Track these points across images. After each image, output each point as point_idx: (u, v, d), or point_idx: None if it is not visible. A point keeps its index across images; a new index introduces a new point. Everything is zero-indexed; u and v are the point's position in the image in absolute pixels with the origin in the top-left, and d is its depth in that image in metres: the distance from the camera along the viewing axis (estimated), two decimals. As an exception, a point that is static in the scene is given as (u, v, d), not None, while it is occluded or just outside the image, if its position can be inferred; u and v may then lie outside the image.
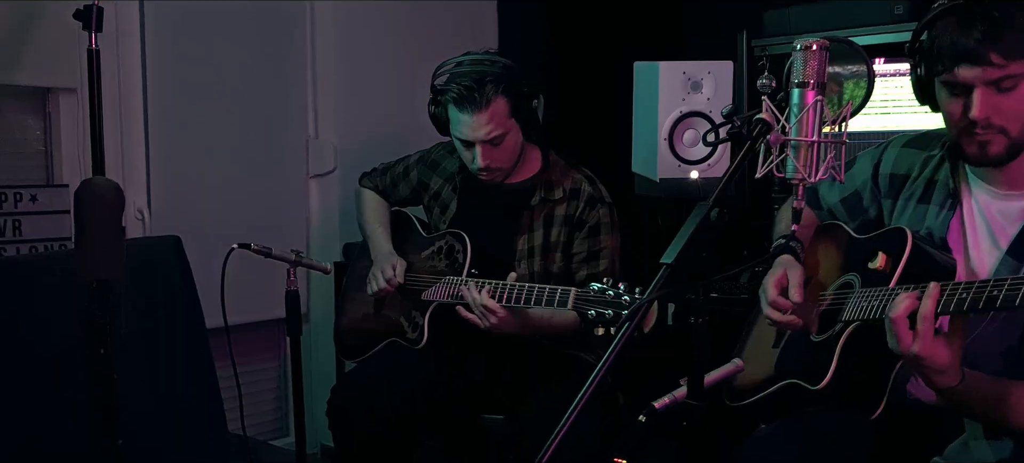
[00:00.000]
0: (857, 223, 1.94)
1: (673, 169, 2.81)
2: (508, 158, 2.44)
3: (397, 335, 2.53)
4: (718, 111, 2.78)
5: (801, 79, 1.43)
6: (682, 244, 1.32)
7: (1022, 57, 1.53)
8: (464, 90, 2.32)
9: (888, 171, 1.87)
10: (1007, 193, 1.67)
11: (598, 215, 2.44)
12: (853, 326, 1.69)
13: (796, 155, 1.42)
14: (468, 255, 2.43)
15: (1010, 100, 1.55)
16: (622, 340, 1.33)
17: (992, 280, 1.42)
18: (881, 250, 1.72)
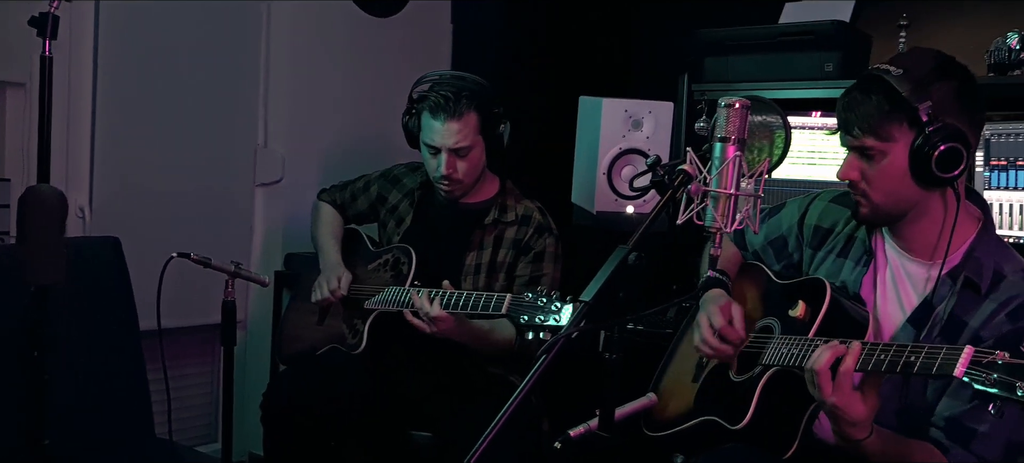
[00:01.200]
0: (781, 265, 2.04)
1: (610, 203, 2.91)
2: (469, 172, 2.54)
3: (337, 342, 2.59)
4: (657, 149, 2.89)
5: (723, 134, 1.52)
6: (600, 284, 1.40)
7: (872, 134, 1.68)
8: (442, 99, 2.47)
9: (813, 222, 1.98)
10: (914, 258, 1.78)
11: (545, 243, 2.55)
12: (772, 370, 1.78)
13: (715, 205, 1.51)
14: (412, 266, 2.52)
15: (873, 169, 1.70)
16: (540, 369, 1.40)
17: (910, 345, 1.51)
18: (801, 299, 1.82)
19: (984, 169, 2.71)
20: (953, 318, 1.68)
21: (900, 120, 1.65)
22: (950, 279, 1.71)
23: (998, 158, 2.68)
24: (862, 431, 1.58)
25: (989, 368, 1.33)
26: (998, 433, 1.62)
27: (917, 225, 1.76)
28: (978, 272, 1.69)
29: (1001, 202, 2.69)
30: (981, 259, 1.70)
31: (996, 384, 1.32)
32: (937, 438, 1.68)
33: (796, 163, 2.87)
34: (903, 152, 1.66)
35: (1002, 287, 1.67)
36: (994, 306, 1.65)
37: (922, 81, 1.65)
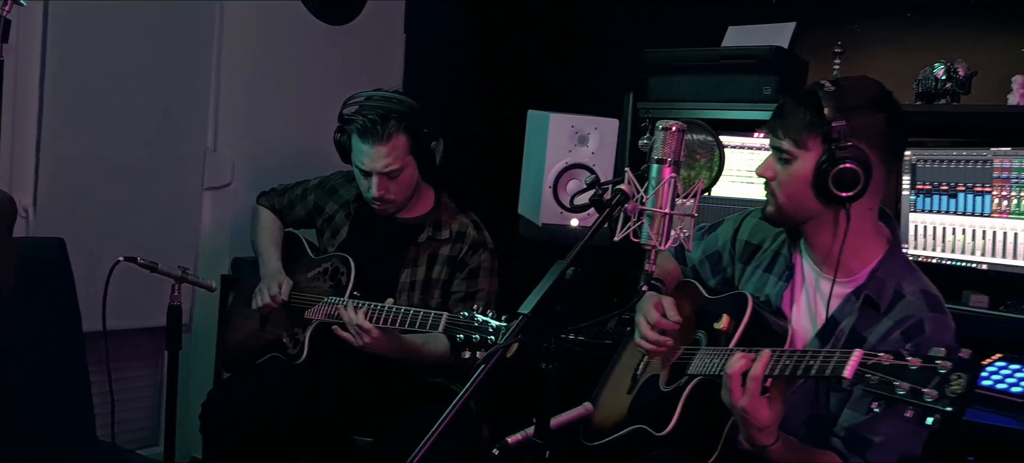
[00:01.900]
0: (717, 279, 2.15)
1: (555, 215, 2.97)
2: (402, 192, 2.57)
3: (279, 350, 2.61)
4: (601, 165, 2.97)
5: (660, 156, 1.60)
6: (539, 297, 1.46)
7: (790, 139, 1.80)
8: (368, 123, 2.46)
9: (744, 238, 2.09)
10: (827, 276, 1.88)
11: (480, 259, 2.60)
12: (697, 380, 1.86)
13: (650, 224, 1.59)
14: (351, 278, 2.54)
15: (784, 172, 1.82)
16: (480, 378, 1.46)
17: (810, 351, 1.61)
18: (725, 312, 1.91)
19: (910, 193, 2.84)
20: (854, 333, 1.79)
21: (817, 133, 1.76)
22: (854, 297, 1.81)
23: (923, 183, 2.81)
24: (768, 436, 1.67)
25: (874, 369, 1.43)
26: (893, 445, 1.72)
27: (821, 237, 1.86)
28: (879, 291, 1.79)
29: (926, 224, 2.82)
30: (883, 279, 1.80)
31: (879, 385, 1.42)
32: (837, 447, 1.77)
33: (735, 182, 2.97)
34: (811, 163, 1.77)
35: (900, 306, 1.77)
36: (891, 324, 1.75)
37: (849, 106, 1.75)
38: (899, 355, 1.41)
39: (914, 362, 1.38)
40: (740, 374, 1.66)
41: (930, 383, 1.35)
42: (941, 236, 2.79)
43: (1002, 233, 2.66)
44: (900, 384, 1.38)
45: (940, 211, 2.79)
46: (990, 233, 2.68)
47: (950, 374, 1.34)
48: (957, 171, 2.74)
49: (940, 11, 2.93)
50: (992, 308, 2.64)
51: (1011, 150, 2.62)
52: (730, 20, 3.18)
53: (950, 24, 2.90)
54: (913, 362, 1.39)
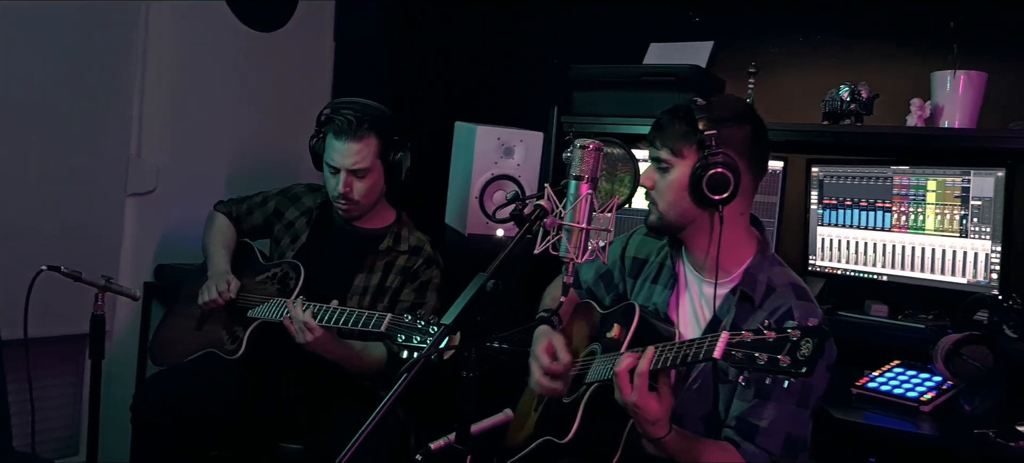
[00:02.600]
0: (612, 296, 2.25)
1: (481, 226, 3.04)
2: (367, 195, 2.66)
3: (216, 347, 2.63)
4: (527, 176, 3.04)
5: (578, 173, 1.68)
6: (460, 308, 1.52)
7: (668, 148, 1.94)
8: (345, 121, 2.59)
9: (632, 254, 2.22)
10: (707, 279, 2.02)
11: (431, 275, 2.70)
12: (594, 387, 1.96)
13: (568, 238, 1.66)
14: (300, 282, 2.59)
15: (663, 181, 1.96)
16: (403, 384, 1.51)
17: (687, 342, 1.74)
18: (616, 322, 2.02)
19: (818, 207, 2.99)
20: (735, 328, 1.90)
21: (691, 142, 1.92)
22: (732, 294, 1.97)
23: (830, 198, 2.96)
24: (661, 428, 1.78)
25: (738, 346, 1.57)
26: (778, 428, 1.86)
27: (699, 242, 2.00)
28: (752, 287, 1.95)
29: (832, 238, 2.97)
30: (755, 275, 1.96)
31: (743, 360, 1.55)
32: (729, 436, 1.91)
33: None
34: (687, 170, 1.92)
35: (771, 298, 1.93)
36: (765, 315, 1.90)
37: (719, 118, 1.91)
38: (758, 331, 1.55)
39: (770, 335, 1.53)
40: (627, 372, 1.77)
41: (783, 351, 1.50)
42: (845, 249, 2.94)
43: (901, 247, 2.82)
44: (760, 356, 1.53)
45: (845, 225, 2.94)
46: (890, 246, 2.84)
47: (800, 340, 1.49)
48: (860, 187, 2.90)
49: (847, 35, 3.09)
50: (891, 317, 2.80)
51: (909, 168, 2.79)
52: (653, 37, 3.29)
53: (856, 48, 3.06)
54: (769, 335, 1.53)
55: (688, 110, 1.93)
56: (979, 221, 2.64)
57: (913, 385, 2.57)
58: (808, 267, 3.00)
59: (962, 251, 2.68)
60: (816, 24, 3.14)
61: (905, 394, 2.54)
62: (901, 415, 2.49)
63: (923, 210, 2.76)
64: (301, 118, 3.56)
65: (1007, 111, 2.68)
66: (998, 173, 2.60)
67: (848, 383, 2.66)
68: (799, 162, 3.02)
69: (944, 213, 2.72)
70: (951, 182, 2.70)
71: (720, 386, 1.95)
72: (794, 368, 1.49)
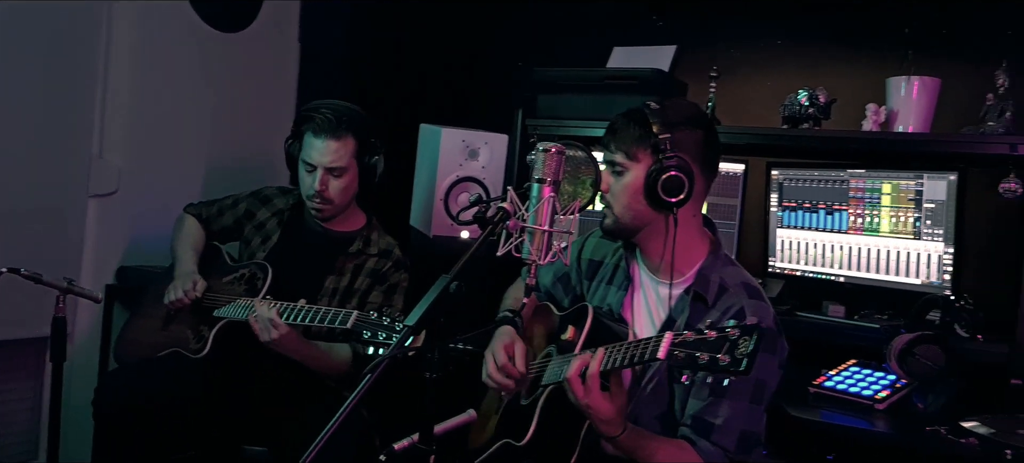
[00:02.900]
0: (569, 298, 2.28)
1: (446, 228, 3.06)
2: (341, 195, 2.68)
3: (181, 346, 2.63)
4: (491, 178, 3.07)
5: (540, 176, 1.70)
6: (423, 310, 1.54)
7: (623, 152, 1.97)
8: (324, 120, 2.62)
9: (588, 257, 2.25)
10: (661, 280, 2.06)
11: (400, 278, 2.72)
12: (550, 389, 1.99)
13: (531, 240, 1.69)
14: (267, 282, 2.60)
15: (618, 184, 1.99)
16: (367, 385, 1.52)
17: (634, 342, 1.76)
18: (570, 324, 2.05)
19: (778, 209, 3.05)
20: (689, 327, 1.94)
21: (646, 146, 1.95)
22: (686, 294, 2.00)
23: (789, 200, 3.02)
24: (615, 427, 1.81)
25: (681, 346, 1.60)
26: (732, 425, 1.90)
27: (654, 244, 2.03)
28: (705, 286, 1.99)
29: (791, 240, 3.03)
30: (708, 276, 2.00)
31: (685, 360, 1.58)
32: (685, 434, 1.94)
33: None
34: (642, 173, 1.95)
35: (724, 298, 1.97)
36: (718, 314, 1.94)
37: (672, 122, 1.95)
38: (700, 331, 1.58)
39: (711, 334, 1.56)
40: (578, 375, 1.79)
41: (723, 349, 1.53)
42: (804, 250, 3.00)
43: (857, 248, 2.88)
44: (701, 355, 1.56)
45: (804, 227, 3.00)
46: (847, 248, 2.91)
47: (738, 339, 1.53)
48: (818, 190, 2.96)
49: (806, 41, 3.15)
50: (848, 317, 2.86)
51: (865, 172, 2.85)
52: (617, 40, 3.33)
53: (814, 54, 3.12)
54: (710, 334, 1.57)
55: (642, 114, 1.97)
56: (932, 223, 2.71)
57: (868, 384, 2.63)
58: (768, 268, 3.06)
59: (916, 253, 2.75)
60: (776, 29, 3.20)
61: (861, 393, 2.60)
62: (857, 413, 2.55)
63: (878, 213, 2.83)
64: (266, 120, 3.57)
65: (959, 116, 2.74)
66: (950, 177, 2.67)
67: (806, 382, 2.71)
68: (759, 165, 3.08)
69: (898, 216, 2.78)
70: (905, 185, 2.77)
71: (675, 386, 1.98)
72: (733, 366, 1.52)
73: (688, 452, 1.91)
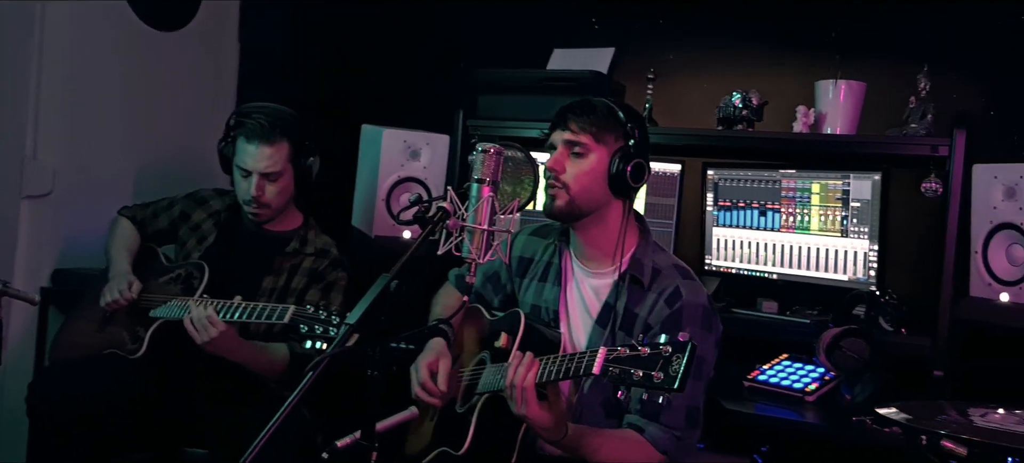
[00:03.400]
0: (499, 298, 2.32)
1: (388, 228, 3.08)
2: (278, 198, 2.68)
3: (117, 347, 2.60)
4: (433, 179, 3.09)
5: (479, 176, 1.74)
6: (365, 308, 1.56)
7: (590, 133, 2.03)
8: (258, 125, 2.63)
9: (518, 254, 2.29)
10: (594, 271, 2.13)
11: (337, 276, 2.73)
12: (485, 397, 2.02)
13: (470, 239, 1.72)
14: (204, 282, 2.60)
15: (577, 165, 2.04)
16: (308, 383, 1.54)
17: (569, 355, 1.80)
18: (503, 330, 2.08)
19: (713, 209, 3.13)
20: (628, 311, 2.05)
21: (616, 132, 2.04)
22: (621, 280, 2.08)
23: (724, 200, 3.10)
24: (556, 433, 1.85)
25: (615, 362, 1.64)
26: (679, 402, 1.96)
27: (593, 232, 2.10)
28: (640, 271, 2.07)
29: (726, 238, 3.11)
30: (642, 261, 2.08)
31: (620, 375, 1.62)
32: (633, 422, 1.99)
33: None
34: (605, 158, 2.03)
35: (659, 280, 2.06)
36: (655, 296, 2.04)
37: (633, 115, 2.09)
38: (633, 347, 1.63)
39: (644, 351, 1.61)
40: (511, 387, 1.82)
41: (657, 366, 1.58)
42: (739, 249, 3.09)
43: (789, 246, 2.98)
44: (635, 372, 1.60)
45: (738, 226, 3.08)
46: (779, 246, 3.00)
47: (672, 356, 1.58)
48: (752, 190, 3.04)
49: (740, 44, 3.23)
50: (781, 313, 2.94)
51: (796, 172, 2.95)
52: (557, 42, 3.38)
53: (748, 57, 3.21)
54: (643, 351, 1.61)
55: (605, 102, 2.06)
56: (858, 222, 2.81)
57: (799, 377, 2.72)
58: (704, 266, 3.13)
59: (843, 250, 2.85)
60: (712, 33, 3.28)
61: (792, 386, 2.68)
62: (788, 405, 2.64)
63: (808, 211, 2.92)
64: (205, 120, 3.54)
65: (884, 118, 2.85)
66: (875, 177, 2.78)
67: (741, 376, 2.80)
68: (696, 165, 3.15)
69: (827, 214, 2.88)
70: (833, 185, 2.87)
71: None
72: (667, 383, 1.56)
73: (633, 441, 1.96)
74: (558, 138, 2.08)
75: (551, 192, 2.07)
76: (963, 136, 2.56)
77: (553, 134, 2.09)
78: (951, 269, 2.59)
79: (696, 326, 2.00)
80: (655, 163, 3.14)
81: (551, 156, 2.07)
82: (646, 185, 3.08)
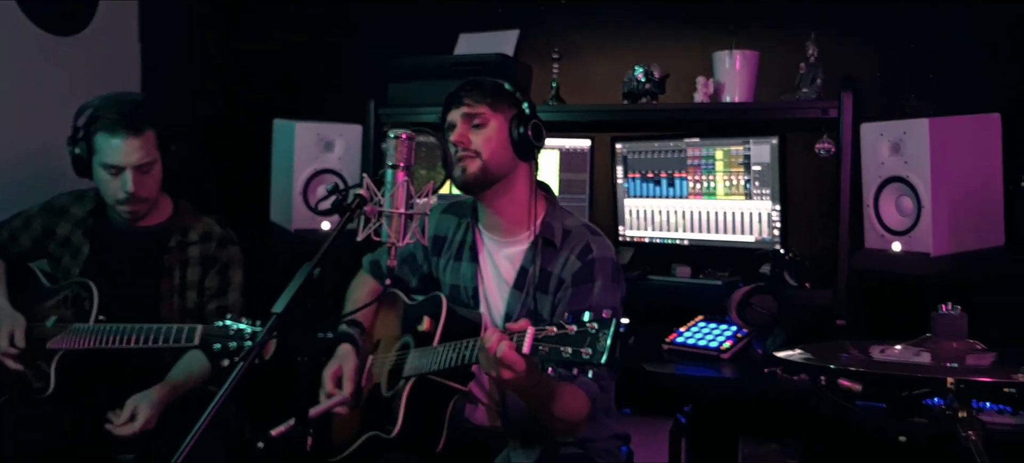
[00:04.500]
0: (417, 278, 2.38)
1: (307, 220, 3.09)
2: (152, 190, 2.55)
3: (22, 386, 2.48)
4: (349, 169, 3.11)
5: (393, 161, 1.78)
6: (290, 296, 1.59)
7: (487, 104, 2.15)
8: (120, 116, 2.46)
9: (433, 233, 2.35)
10: (507, 241, 2.21)
11: (230, 254, 2.64)
12: (412, 380, 2.08)
13: (388, 223, 1.76)
14: (95, 302, 2.48)
15: (480, 135, 2.14)
16: (238, 376, 1.56)
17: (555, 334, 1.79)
18: (425, 315, 2.15)
19: (624, 181, 3.23)
20: (544, 272, 2.15)
21: (508, 101, 2.17)
22: (534, 245, 2.17)
23: (633, 172, 3.21)
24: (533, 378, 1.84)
25: (544, 341, 1.70)
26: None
27: (504, 203, 2.19)
28: (552, 233, 2.17)
29: (638, 209, 3.22)
30: (552, 223, 2.18)
31: (550, 353, 1.68)
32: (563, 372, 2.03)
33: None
34: (504, 125, 2.15)
35: (569, 239, 2.16)
36: (567, 253, 2.14)
37: (520, 86, 2.32)
38: (561, 326, 1.69)
39: (571, 329, 1.67)
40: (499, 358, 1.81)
41: (585, 343, 1.65)
42: (650, 218, 3.20)
43: (698, 212, 3.10)
44: (564, 349, 1.67)
45: (648, 196, 3.19)
46: (688, 213, 3.12)
47: (598, 333, 1.64)
48: (659, 161, 3.16)
49: (640, 20, 3.34)
50: (694, 277, 3.07)
51: (700, 140, 3.07)
52: (462, 27, 3.42)
53: (649, 32, 3.32)
54: (570, 329, 1.67)
55: (489, 79, 2.20)
56: (760, 184, 2.95)
57: (714, 336, 2.85)
58: (619, 238, 3.24)
59: (748, 212, 2.99)
60: (613, 11, 3.38)
61: (708, 345, 2.81)
62: (705, 364, 2.77)
63: (714, 178, 3.05)
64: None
65: (779, 85, 2.98)
66: (773, 141, 2.91)
67: (660, 340, 2.91)
68: (604, 140, 3.25)
69: (731, 179, 3.01)
70: (735, 151, 2.99)
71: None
72: (596, 358, 1.63)
73: (572, 388, 2.00)
74: (456, 116, 2.17)
75: (462, 163, 2.14)
76: (850, 98, 2.71)
77: (449, 115, 2.19)
78: (847, 224, 2.73)
79: (606, 279, 2.10)
80: (565, 139, 3.24)
81: (453, 133, 2.16)
82: (559, 161, 3.21)
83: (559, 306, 2.10)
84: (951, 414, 1.60)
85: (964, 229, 2.56)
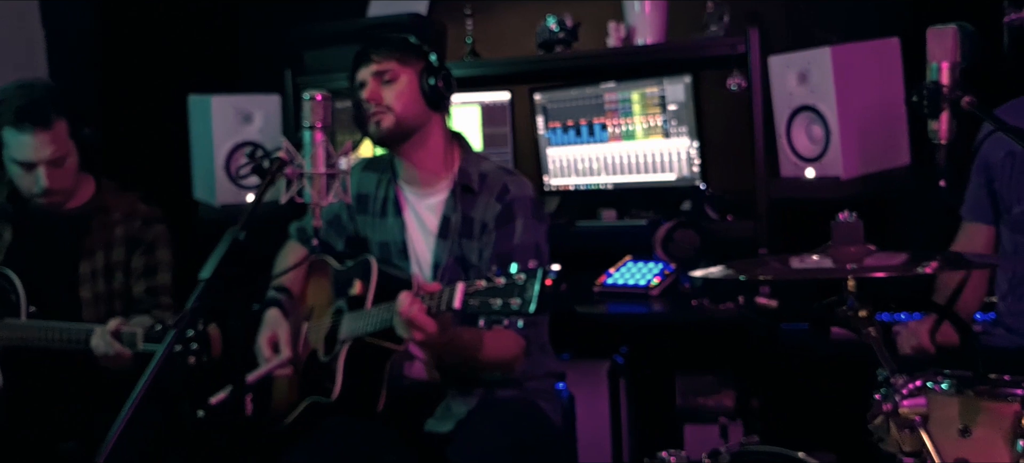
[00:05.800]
0: (344, 239, 2.38)
1: (232, 194, 3.07)
2: (70, 180, 2.48)
3: None
4: (270, 140, 3.09)
5: (310, 123, 1.79)
6: (217, 262, 1.60)
7: (395, 59, 2.16)
8: (24, 110, 2.35)
9: (355, 192, 2.33)
10: (427, 192, 2.24)
11: (155, 232, 2.57)
12: (348, 343, 2.10)
13: (310, 184, 1.78)
14: (21, 294, 2.42)
15: (392, 90, 2.16)
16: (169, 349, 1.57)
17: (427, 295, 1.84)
18: (356, 278, 2.16)
19: (545, 131, 3.28)
20: (466, 218, 2.19)
21: (415, 55, 2.20)
22: (454, 194, 2.21)
23: (554, 121, 3.25)
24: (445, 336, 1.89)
25: (474, 294, 1.73)
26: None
27: (421, 156, 2.22)
28: (469, 179, 2.21)
29: (561, 157, 3.27)
30: (468, 169, 2.22)
31: (481, 306, 1.71)
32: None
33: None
34: (414, 78, 2.17)
35: (487, 183, 2.20)
36: (486, 197, 2.18)
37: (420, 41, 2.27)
38: (490, 279, 1.72)
39: (499, 282, 1.70)
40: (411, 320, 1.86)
41: (513, 294, 1.68)
42: (574, 165, 3.25)
43: (619, 156, 3.16)
44: (494, 301, 1.70)
45: (570, 144, 3.25)
46: (610, 157, 3.18)
47: (525, 283, 1.67)
48: (578, 108, 3.21)
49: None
50: (619, 219, 3.14)
51: (615, 84, 3.13)
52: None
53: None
54: (498, 282, 1.70)
55: (395, 35, 2.23)
56: (677, 123, 3.02)
57: (643, 274, 2.93)
58: (544, 188, 3.29)
59: (667, 151, 3.06)
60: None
61: (637, 283, 2.90)
62: (636, 302, 2.85)
63: (631, 120, 3.11)
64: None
65: (689, 24, 3.05)
66: (686, 80, 2.98)
67: (591, 283, 2.98)
68: (523, 92, 3.29)
69: (648, 120, 3.08)
70: (650, 92, 3.06)
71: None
72: (524, 308, 1.66)
73: (502, 331, 2.01)
74: (365, 74, 2.18)
75: (376, 119, 2.16)
76: (756, 33, 2.78)
77: (359, 73, 2.19)
78: (762, 155, 2.82)
79: (527, 216, 2.15)
80: (485, 94, 3.26)
81: (364, 91, 2.17)
82: (480, 116, 3.24)
83: (485, 250, 2.14)
84: (853, 315, 1.69)
85: (872, 151, 2.67)
